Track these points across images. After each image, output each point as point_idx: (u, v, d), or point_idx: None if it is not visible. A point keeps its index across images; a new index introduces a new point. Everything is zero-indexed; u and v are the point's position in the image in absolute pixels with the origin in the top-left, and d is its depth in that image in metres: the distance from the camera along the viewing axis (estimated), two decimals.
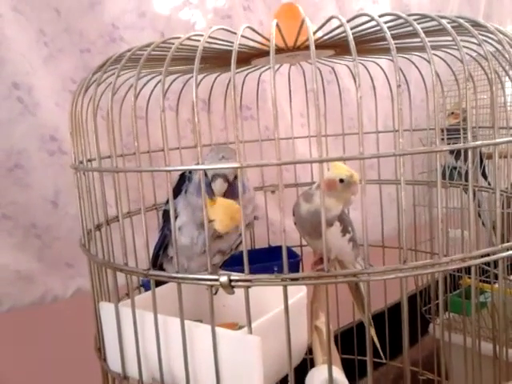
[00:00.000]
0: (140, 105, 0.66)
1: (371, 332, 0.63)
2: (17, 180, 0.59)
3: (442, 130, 0.95)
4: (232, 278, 0.37)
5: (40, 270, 0.63)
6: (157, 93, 0.60)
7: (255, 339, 0.37)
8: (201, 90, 0.70)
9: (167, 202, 0.39)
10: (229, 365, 0.39)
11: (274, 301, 0.42)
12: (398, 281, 0.38)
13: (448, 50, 0.57)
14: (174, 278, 0.39)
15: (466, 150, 0.78)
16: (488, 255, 0.38)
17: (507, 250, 0.38)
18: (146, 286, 0.60)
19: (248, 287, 0.37)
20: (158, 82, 0.60)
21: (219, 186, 0.46)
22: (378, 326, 0.65)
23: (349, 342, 0.75)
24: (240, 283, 0.37)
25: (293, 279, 0.36)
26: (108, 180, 0.47)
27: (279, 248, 0.37)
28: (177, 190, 0.50)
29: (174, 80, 0.64)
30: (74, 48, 0.61)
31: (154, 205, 0.66)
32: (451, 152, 0.91)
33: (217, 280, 0.37)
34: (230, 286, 0.37)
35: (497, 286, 0.71)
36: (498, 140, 0.37)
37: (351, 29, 0.38)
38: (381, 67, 0.69)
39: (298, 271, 0.69)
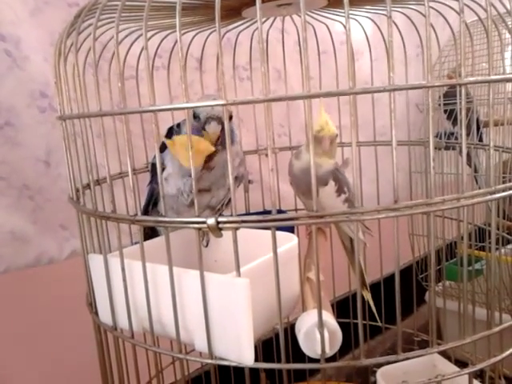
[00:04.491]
0: (132, 64, 0.65)
1: (364, 293, 0.62)
2: (7, 139, 0.58)
3: (440, 97, 0.94)
4: (219, 219, 0.36)
5: (34, 231, 0.62)
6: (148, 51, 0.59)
7: (244, 282, 0.37)
8: (194, 49, 0.69)
9: (154, 156, 0.38)
10: (218, 310, 0.38)
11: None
12: (393, 249, 0.37)
13: (447, 3, 0.56)
14: (161, 222, 0.39)
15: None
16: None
17: (502, 191, 0.38)
18: None
19: (236, 229, 0.36)
20: (149, 39, 0.59)
21: (213, 128, 0.45)
22: (374, 297, 0.65)
23: (345, 310, 0.75)
24: (227, 225, 0.36)
25: (282, 220, 0.36)
26: (98, 142, 0.46)
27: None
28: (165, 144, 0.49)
29: (166, 37, 0.63)
30: (61, 1, 0.60)
31: (146, 167, 0.66)
32: (448, 118, 0.90)
33: (204, 222, 0.37)
34: (217, 229, 0.36)
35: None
36: (492, 77, 0.36)
37: None
38: (376, 24, 0.67)
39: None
